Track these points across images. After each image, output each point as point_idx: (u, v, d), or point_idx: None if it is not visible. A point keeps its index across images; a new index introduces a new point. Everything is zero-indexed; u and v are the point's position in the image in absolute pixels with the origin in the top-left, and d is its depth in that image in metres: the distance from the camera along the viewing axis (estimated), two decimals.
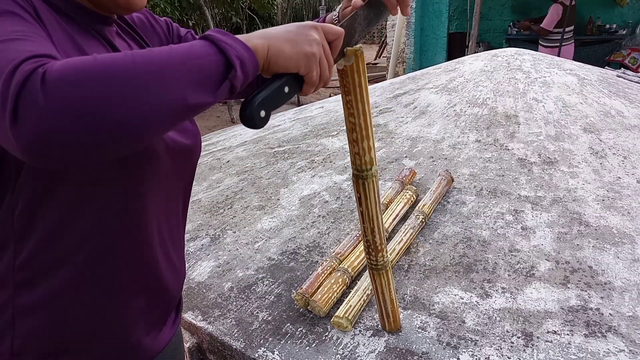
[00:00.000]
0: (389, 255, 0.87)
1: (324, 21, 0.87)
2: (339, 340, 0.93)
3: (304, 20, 0.68)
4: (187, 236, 1.38)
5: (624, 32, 5.95)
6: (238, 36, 0.55)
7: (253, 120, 0.54)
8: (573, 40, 4.93)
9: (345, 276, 1.05)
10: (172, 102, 0.48)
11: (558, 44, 4.79)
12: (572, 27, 4.86)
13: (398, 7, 0.76)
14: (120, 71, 0.46)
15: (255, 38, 0.56)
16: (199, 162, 1.05)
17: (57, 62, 0.44)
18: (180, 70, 0.49)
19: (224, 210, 1.49)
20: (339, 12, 0.84)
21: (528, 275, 1.07)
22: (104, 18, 0.66)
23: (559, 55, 4.17)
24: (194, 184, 1.87)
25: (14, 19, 0.52)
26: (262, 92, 0.55)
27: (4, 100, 0.43)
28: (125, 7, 0.65)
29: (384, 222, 0.86)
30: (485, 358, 0.87)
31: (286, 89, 0.58)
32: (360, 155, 0.76)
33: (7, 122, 0.42)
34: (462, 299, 1.02)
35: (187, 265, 1.21)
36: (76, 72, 0.44)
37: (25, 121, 0.42)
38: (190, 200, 1.58)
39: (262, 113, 0.55)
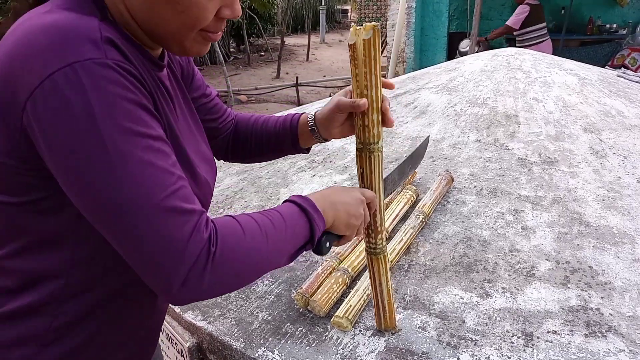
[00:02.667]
0: (385, 244, 0.87)
1: (298, 119, 0.94)
2: (339, 340, 0.93)
3: (304, 20, 0.71)
4: None
5: (624, 32, 5.95)
6: (315, 199, 0.73)
7: (323, 252, 0.76)
8: (548, 37, 5.05)
9: (345, 276, 1.05)
10: (273, 266, 0.67)
11: (532, 42, 4.94)
12: (543, 25, 4.99)
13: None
14: (258, 252, 0.62)
15: (329, 209, 0.74)
16: None
17: (220, 244, 0.58)
18: (287, 248, 0.67)
19: (224, 210, 1.49)
20: (314, 116, 0.91)
21: (528, 275, 1.07)
22: (159, 64, 0.68)
23: None
24: None
25: (157, 153, 0.56)
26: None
27: (177, 272, 0.55)
28: (180, 54, 0.68)
29: (384, 209, 0.85)
30: (486, 358, 0.87)
31: (329, 242, 0.78)
32: (369, 127, 0.76)
33: (175, 288, 0.55)
34: (462, 298, 1.02)
35: None
36: (233, 256, 0.59)
37: (190, 290, 0.56)
38: None
39: (327, 244, 0.77)
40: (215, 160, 0.98)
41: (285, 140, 0.95)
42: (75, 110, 0.50)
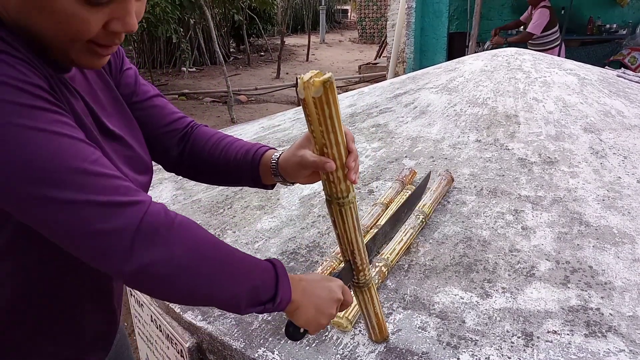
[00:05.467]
0: (371, 273, 0.84)
1: (261, 156, 0.84)
2: (339, 340, 0.93)
3: (304, 20, 0.68)
4: None
5: (624, 32, 5.95)
6: (290, 276, 0.68)
7: (295, 338, 0.75)
8: (560, 40, 4.97)
9: None
10: (224, 292, 0.61)
11: (547, 47, 4.84)
12: (556, 28, 4.92)
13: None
14: (212, 258, 0.59)
15: (297, 293, 0.68)
16: None
17: (179, 218, 0.58)
18: (243, 285, 0.62)
19: (224, 210, 1.49)
20: (277, 160, 0.81)
21: (528, 275, 1.07)
22: (62, 67, 0.63)
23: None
24: (193, 183, 1.86)
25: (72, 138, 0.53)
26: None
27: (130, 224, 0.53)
28: (71, 65, 0.63)
29: (364, 243, 0.80)
30: (486, 358, 0.87)
31: (301, 330, 0.74)
32: (334, 183, 0.70)
33: (126, 241, 0.53)
34: (462, 298, 1.02)
35: None
36: (190, 237, 0.57)
37: (142, 250, 0.53)
38: (191, 200, 1.58)
39: (301, 329, 0.74)
40: (183, 174, 0.91)
41: (245, 173, 0.85)
42: None
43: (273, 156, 0.82)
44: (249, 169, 0.84)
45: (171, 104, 0.88)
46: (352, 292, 0.83)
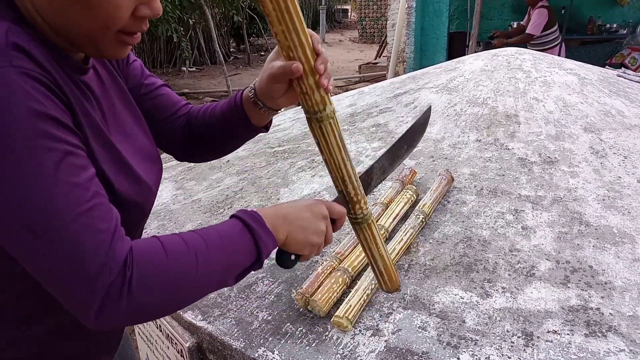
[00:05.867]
0: (369, 209, 0.82)
1: (242, 96, 0.84)
2: (339, 340, 0.93)
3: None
4: None
5: (625, 31, 5.94)
6: (265, 214, 0.68)
7: (287, 265, 0.76)
8: (560, 39, 4.96)
9: (345, 276, 1.05)
10: (212, 288, 0.63)
11: (547, 47, 4.84)
12: (556, 27, 4.91)
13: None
14: (186, 275, 0.58)
15: (280, 225, 0.69)
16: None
17: (137, 269, 0.54)
18: (226, 269, 0.63)
19: (224, 209, 1.49)
20: (254, 87, 0.82)
21: (528, 275, 1.07)
22: (82, 68, 0.64)
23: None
24: (194, 183, 1.87)
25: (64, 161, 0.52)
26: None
27: (90, 300, 0.52)
28: (96, 57, 0.64)
29: (354, 170, 0.77)
30: (486, 358, 0.87)
31: (292, 257, 0.76)
32: (308, 94, 0.67)
33: (92, 316, 0.52)
34: (463, 298, 1.02)
35: None
36: (153, 282, 0.55)
37: (107, 318, 0.53)
38: (191, 200, 1.58)
39: (292, 257, 0.76)
40: (194, 157, 0.94)
41: (235, 121, 0.86)
42: None
43: (249, 87, 0.84)
44: (236, 114, 0.85)
45: (174, 92, 0.91)
46: (353, 230, 0.83)
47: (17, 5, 0.56)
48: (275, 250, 0.71)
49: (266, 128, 0.90)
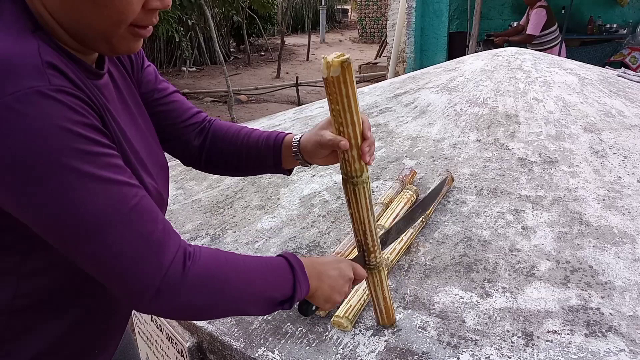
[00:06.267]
0: (382, 256, 0.87)
1: (283, 139, 0.89)
2: (339, 340, 0.93)
3: (304, 20, 0.69)
4: (187, 236, 1.38)
5: (625, 31, 5.94)
6: (305, 263, 0.74)
7: (307, 314, 0.84)
8: (560, 39, 4.95)
9: None
10: (241, 308, 0.68)
11: (546, 47, 4.83)
12: (555, 27, 4.90)
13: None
14: (233, 290, 0.64)
15: (314, 278, 0.74)
16: None
17: (195, 262, 0.61)
18: (266, 294, 0.69)
19: (224, 209, 1.49)
20: (298, 141, 0.87)
21: (528, 274, 1.07)
22: (97, 73, 0.66)
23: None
24: (194, 183, 1.87)
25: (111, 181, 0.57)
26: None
27: (152, 279, 0.57)
28: (110, 53, 0.66)
29: (376, 225, 0.83)
30: (486, 358, 0.87)
31: (313, 307, 0.83)
32: (349, 162, 0.74)
33: (147, 298, 0.57)
34: (463, 298, 1.02)
35: None
36: (207, 278, 0.62)
37: (163, 301, 0.58)
38: (191, 200, 1.58)
39: (313, 307, 0.83)
40: (207, 168, 0.95)
41: (267, 158, 0.90)
42: (23, 142, 0.50)
43: (294, 137, 0.89)
44: (271, 153, 0.90)
45: (187, 100, 0.93)
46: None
47: (31, 12, 0.57)
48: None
49: (290, 172, 0.95)
